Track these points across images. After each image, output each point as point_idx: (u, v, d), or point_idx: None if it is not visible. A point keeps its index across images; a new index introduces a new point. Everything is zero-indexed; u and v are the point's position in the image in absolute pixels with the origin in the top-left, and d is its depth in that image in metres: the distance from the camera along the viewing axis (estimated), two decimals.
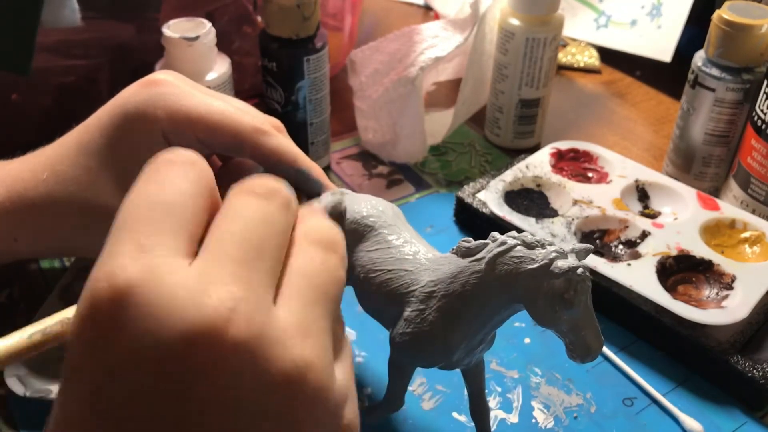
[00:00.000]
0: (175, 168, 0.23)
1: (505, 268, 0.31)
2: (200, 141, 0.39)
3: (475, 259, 0.32)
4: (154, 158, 0.23)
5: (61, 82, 0.58)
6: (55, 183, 0.39)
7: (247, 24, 0.65)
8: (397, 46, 0.60)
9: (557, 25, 0.59)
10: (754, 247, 0.50)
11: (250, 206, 0.23)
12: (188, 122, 0.38)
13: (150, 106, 0.38)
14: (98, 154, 0.39)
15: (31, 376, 0.40)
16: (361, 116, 0.61)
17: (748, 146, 0.53)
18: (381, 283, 0.36)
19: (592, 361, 0.31)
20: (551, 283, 0.30)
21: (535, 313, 0.31)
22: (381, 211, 0.37)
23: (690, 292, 0.47)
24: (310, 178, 0.39)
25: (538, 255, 0.30)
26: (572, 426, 0.42)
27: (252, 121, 0.39)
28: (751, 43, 0.52)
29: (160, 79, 0.39)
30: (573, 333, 0.31)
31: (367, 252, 0.36)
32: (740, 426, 0.42)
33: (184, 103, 0.38)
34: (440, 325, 0.33)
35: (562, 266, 0.29)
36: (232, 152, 0.40)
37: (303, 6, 0.52)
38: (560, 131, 0.68)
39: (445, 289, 0.33)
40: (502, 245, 0.31)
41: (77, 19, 0.55)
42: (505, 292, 0.31)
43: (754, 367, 0.42)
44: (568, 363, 0.45)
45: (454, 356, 0.34)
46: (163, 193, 0.22)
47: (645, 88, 0.76)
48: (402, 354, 0.36)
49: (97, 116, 0.40)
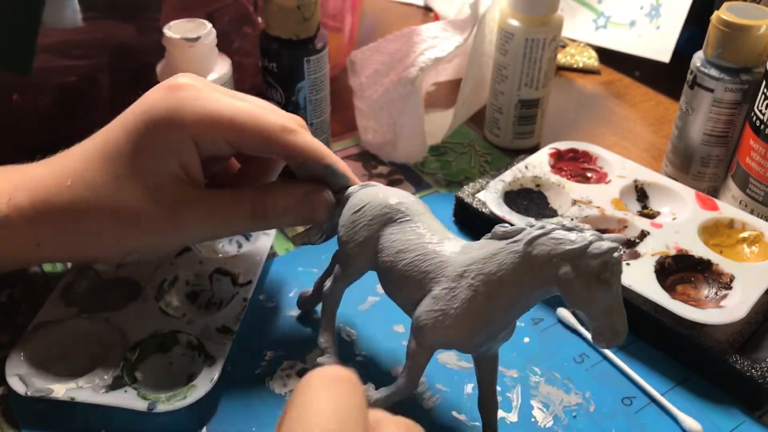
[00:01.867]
0: (345, 386, 0.24)
1: (544, 248, 0.32)
2: (228, 143, 0.40)
3: (513, 240, 0.33)
4: (319, 375, 0.24)
5: (62, 82, 0.58)
6: (83, 189, 0.39)
7: (247, 24, 0.66)
8: (397, 47, 0.60)
9: (556, 25, 0.59)
10: (753, 247, 0.50)
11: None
12: (217, 125, 0.39)
13: (177, 111, 0.39)
14: (125, 160, 0.39)
15: (33, 375, 0.40)
16: (361, 116, 0.62)
17: (746, 146, 0.53)
18: (409, 263, 0.36)
19: (617, 345, 0.32)
20: (588, 264, 0.31)
21: (571, 294, 0.32)
22: (412, 201, 0.39)
23: (689, 292, 0.47)
24: (338, 173, 0.42)
25: (577, 237, 0.31)
26: (571, 425, 0.42)
27: (279, 120, 0.40)
28: (750, 43, 0.52)
29: (183, 83, 0.40)
30: (604, 316, 0.32)
31: (396, 234, 0.38)
32: (739, 425, 0.42)
33: (211, 107, 0.39)
34: (471, 303, 0.34)
35: (601, 247, 0.31)
36: (261, 152, 0.41)
37: (303, 7, 0.52)
38: (559, 132, 0.68)
39: (478, 269, 0.34)
40: (541, 228, 0.33)
41: (78, 20, 0.55)
42: (542, 272, 0.32)
43: (753, 366, 0.42)
44: (567, 362, 0.45)
45: (478, 337, 0.35)
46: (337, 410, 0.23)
47: (644, 88, 0.77)
48: (426, 334, 0.36)
49: (122, 122, 0.40)
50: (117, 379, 0.40)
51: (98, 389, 0.40)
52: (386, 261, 0.38)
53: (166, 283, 0.47)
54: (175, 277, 0.47)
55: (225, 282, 0.47)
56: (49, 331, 0.43)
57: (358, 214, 0.39)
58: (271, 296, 0.49)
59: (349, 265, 0.40)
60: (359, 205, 0.40)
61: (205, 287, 0.48)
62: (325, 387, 0.24)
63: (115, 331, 0.43)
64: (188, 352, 0.43)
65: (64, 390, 0.39)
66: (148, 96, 0.40)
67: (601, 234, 0.32)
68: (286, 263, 0.52)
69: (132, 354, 0.42)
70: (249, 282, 0.47)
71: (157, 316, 0.44)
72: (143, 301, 0.45)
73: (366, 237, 0.39)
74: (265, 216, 0.41)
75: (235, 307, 0.45)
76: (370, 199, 0.39)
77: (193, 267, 0.48)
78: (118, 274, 0.47)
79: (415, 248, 0.37)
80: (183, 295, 0.47)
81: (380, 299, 0.49)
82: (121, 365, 0.41)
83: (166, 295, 0.46)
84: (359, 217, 0.39)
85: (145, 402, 0.39)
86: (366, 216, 0.39)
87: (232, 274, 0.48)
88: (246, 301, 0.46)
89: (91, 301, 0.45)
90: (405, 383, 0.38)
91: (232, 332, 0.43)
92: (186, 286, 0.47)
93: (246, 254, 0.49)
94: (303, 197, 0.41)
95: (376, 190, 0.40)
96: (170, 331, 0.43)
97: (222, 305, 0.46)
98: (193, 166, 0.40)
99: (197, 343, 0.43)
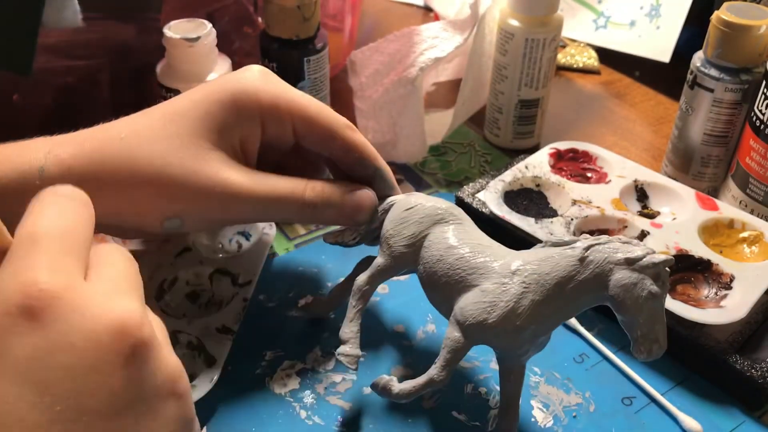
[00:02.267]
0: (77, 204, 0.27)
1: (601, 255, 0.34)
2: (295, 131, 0.41)
3: (570, 246, 0.35)
4: (52, 192, 0.27)
5: (62, 82, 0.58)
6: (136, 144, 0.39)
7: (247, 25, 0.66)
8: (397, 47, 0.60)
9: (556, 25, 0.59)
10: (753, 247, 0.50)
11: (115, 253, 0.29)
12: (289, 111, 0.40)
13: (253, 88, 0.40)
14: (189, 123, 0.39)
15: None
16: (361, 116, 0.62)
17: (746, 146, 0.53)
18: (459, 258, 0.37)
19: (656, 357, 0.34)
20: (643, 272, 0.33)
21: (621, 301, 0.33)
22: (461, 211, 0.41)
23: (689, 292, 0.47)
24: (386, 179, 0.43)
25: (633, 248, 0.33)
26: (571, 425, 0.42)
27: (342, 117, 0.42)
28: (750, 43, 0.52)
29: (259, 68, 0.41)
30: (648, 325, 0.33)
31: (447, 233, 0.39)
32: (739, 425, 0.42)
33: (288, 93, 0.41)
34: (521, 298, 0.35)
35: (656, 258, 0.33)
36: (322, 145, 0.42)
37: (303, 7, 0.53)
38: (559, 131, 0.68)
39: (533, 269, 0.35)
40: (596, 238, 0.34)
41: (78, 20, 0.55)
42: (596, 277, 0.34)
43: (753, 366, 0.42)
44: (567, 362, 0.45)
45: (522, 336, 0.35)
46: (71, 224, 0.26)
47: (644, 88, 0.77)
48: (472, 326, 0.36)
49: (188, 94, 0.41)
50: None
51: None
52: (434, 256, 0.38)
53: (166, 283, 0.47)
54: (175, 277, 0.47)
55: (225, 282, 0.47)
56: None
57: (409, 212, 0.40)
58: (271, 296, 0.49)
59: (392, 260, 0.40)
60: (411, 204, 0.41)
61: (206, 287, 0.48)
62: (54, 202, 0.27)
63: None
64: (188, 352, 0.43)
65: None
66: (222, 75, 0.41)
67: (654, 250, 0.34)
68: (286, 263, 0.52)
69: None
70: (249, 282, 0.47)
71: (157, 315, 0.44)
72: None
73: (414, 233, 0.40)
74: (314, 205, 0.41)
75: (235, 307, 0.45)
76: (421, 201, 0.41)
77: (194, 267, 0.48)
78: None
79: (468, 245, 0.38)
80: (183, 295, 0.47)
81: (381, 299, 0.49)
82: None
83: (166, 295, 0.46)
84: (410, 215, 0.40)
85: None
86: (418, 213, 0.40)
87: (232, 274, 0.48)
88: (246, 301, 0.46)
89: None
90: (438, 374, 0.37)
91: (232, 332, 0.43)
92: (186, 286, 0.48)
93: (246, 254, 0.49)
94: (350, 194, 0.42)
95: (424, 197, 0.42)
96: (170, 330, 0.43)
97: (222, 305, 0.46)
98: (252, 146, 0.41)
99: (197, 343, 0.43)
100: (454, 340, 0.36)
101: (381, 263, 0.41)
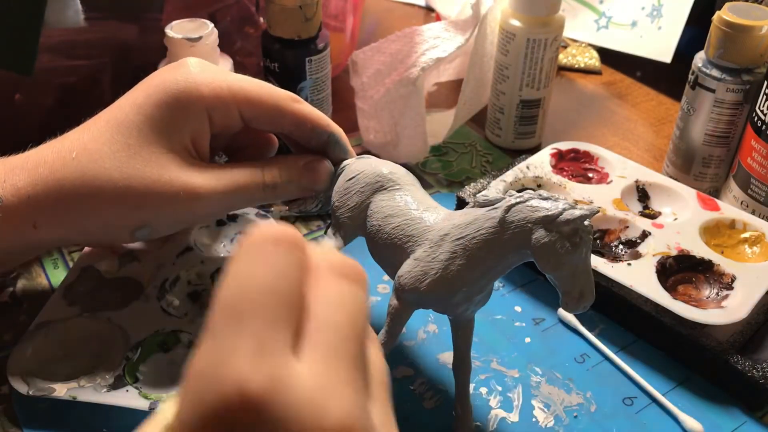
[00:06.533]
0: (281, 249, 0.21)
1: (520, 215, 0.34)
2: (242, 114, 0.41)
3: (493, 207, 0.35)
4: (254, 233, 0.21)
5: (64, 82, 0.58)
6: (88, 161, 0.39)
7: (249, 25, 0.66)
8: (398, 47, 0.60)
9: (558, 26, 0.59)
10: (754, 248, 0.50)
11: (347, 295, 0.22)
12: (234, 98, 0.40)
13: (194, 83, 0.40)
14: (136, 131, 0.39)
15: (35, 374, 0.40)
16: (362, 117, 0.62)
17: (748, 147, 0.53)
18: (395, 227, 0.38)
19: (584, 310, 0.34)
20: (560, 229, 0.33)
21: (542, 258, 0.34)
22: (403, 173, 0.41)
23: (690, 292, 0.47)
24: (340, 142, 0.43)
25: (551, 205, 0.34)
26: (572, 425, 0.42)
27: (285, 91, 0.41)
28: (751, 44, 0.52)
29: (193, 61, 0.41)
30: (569, 281, 0.33)
31: (386, 201, 0.40)
32: (740, 425, 0.42)
33: (227, 80, 0.40)
34: (449, 264, 0.36)
35: (573, 214, 0.33)
36: (271, 123, 0.42)
37: (305, 7, 0.53)
38: (561, 132, 0.68)
39: (459, 233, 0.36)
40: (519, 197, 0.35)
41: (80, 20, 0.55)
42: (517, 237, 0.34)
43: (754, 366, 0.42)
44: (569, 362, 0.45)
45: (454, 298, 0.37)
46: (274, 280, 0.21)
47: (645, 88, 0.77)
48: (407, 292, 0.37)
49: (130, 99, 0.40)
50: (118, 379, 0.40)
51: (100, 389, 0.40)
52: (374, 225, 0.39)
53: (168, 283, 0.47)
54: (177, 277, 0.47)
55: None
56: (51, 331, 0.43)
57: (351, 182, 0.41)
58: None
59: (341, 230, 0.42)
60: (353, 173, 0.41)
61: (207, 287, 0.48)
62: (261, 251, 0.21)
63: (116, 331, 0.43)
64: (190, 352, 0.43)
65: (65, 389, 0.39)
66: (158, 74, 0.40)
67: (575, 204, 0.34)
68: None
69: (133, 353, 0.42)
70: None
71: (158, 315, 0.44)
72: (145, 301, 0.45)
73: (357, 203, 0.40)
74: (274, 185, 0.42)
75: None
76: (363, 168, 0.41)
77: (195, 267, 0.48)
78: (120, 273, 0.47)
79: (402, 213, 0.39)
80: (184, 294, 0.47)
81: (381, 299, 0.49)
82: (123, 365, 0.41)
83: (167, 295, 0.46)
84: (352, 185, 0.41)
85: (146, 401, 0.39)
86: (359, 183, 0.41)
87: None
88: None
89: (93, 301, 0.45)
90: (384, 340, 0.39)
91: None
92: (188, 286, 0.48)
93: None
94: (305, 166, 0.42)
95: (370, 161, 0.42)
96: (172, 330, 0.44)
97: None
98: (203, 140, 0.41)
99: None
100: (392, 306, 0.39)
101: (331, 236, 0.42)
